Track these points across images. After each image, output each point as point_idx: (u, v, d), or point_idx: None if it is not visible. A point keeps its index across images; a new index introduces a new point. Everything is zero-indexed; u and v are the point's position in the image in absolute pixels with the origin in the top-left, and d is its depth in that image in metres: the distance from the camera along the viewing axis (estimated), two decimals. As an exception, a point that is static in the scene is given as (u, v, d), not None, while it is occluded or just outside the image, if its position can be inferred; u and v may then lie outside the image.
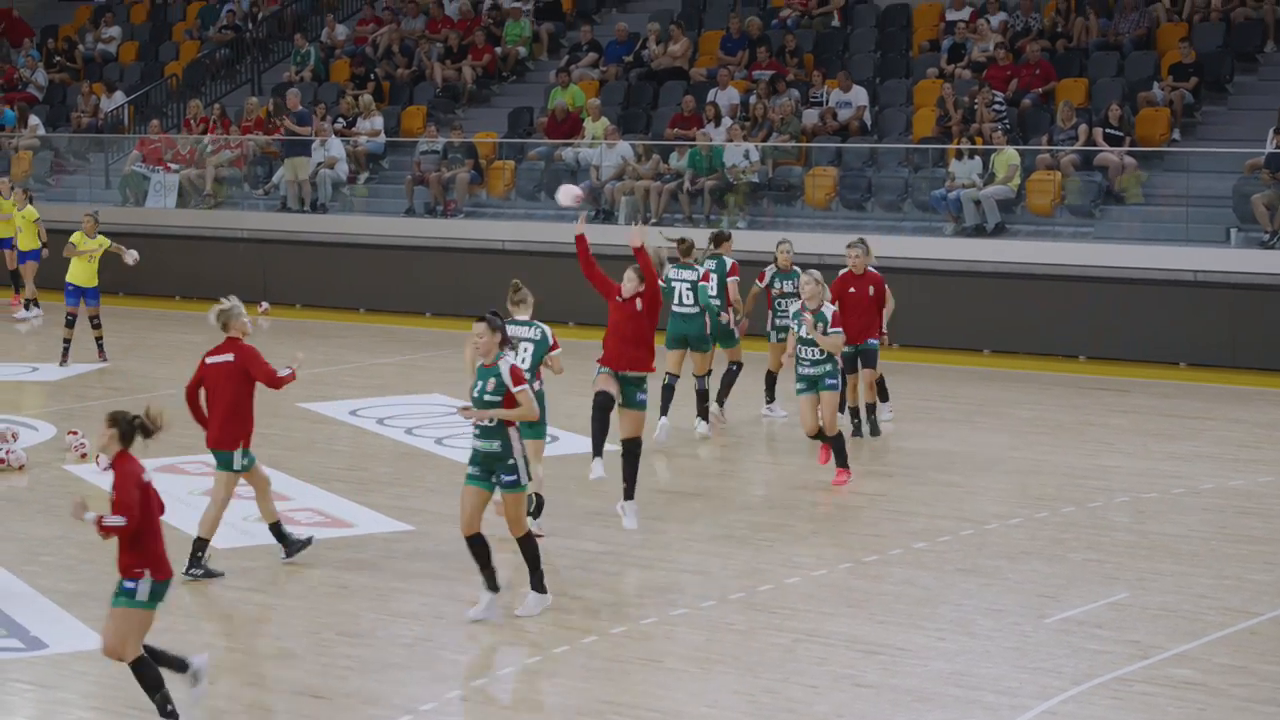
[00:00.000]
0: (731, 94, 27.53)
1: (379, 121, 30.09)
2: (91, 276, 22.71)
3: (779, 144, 26.41)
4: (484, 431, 11.82)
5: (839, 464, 15.97)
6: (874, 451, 17.47)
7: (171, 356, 23.80)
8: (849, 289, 17.54)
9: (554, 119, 28.51)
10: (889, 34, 28.76)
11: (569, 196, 15.01)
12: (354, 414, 19.57)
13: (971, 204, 24.39)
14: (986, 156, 24.62)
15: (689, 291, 17.86)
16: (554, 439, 15.19)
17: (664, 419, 17.95)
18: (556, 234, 26.71)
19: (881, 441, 17.90)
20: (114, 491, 9.54)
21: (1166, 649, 11.38)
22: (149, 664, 9.82)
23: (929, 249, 24.30)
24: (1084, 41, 26.83)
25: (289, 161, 29.51)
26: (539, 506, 14.01)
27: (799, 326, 15.77)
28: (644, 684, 10.85)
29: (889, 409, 18.67)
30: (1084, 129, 24.31)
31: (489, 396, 11.76)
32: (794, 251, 18.69)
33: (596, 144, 27.46)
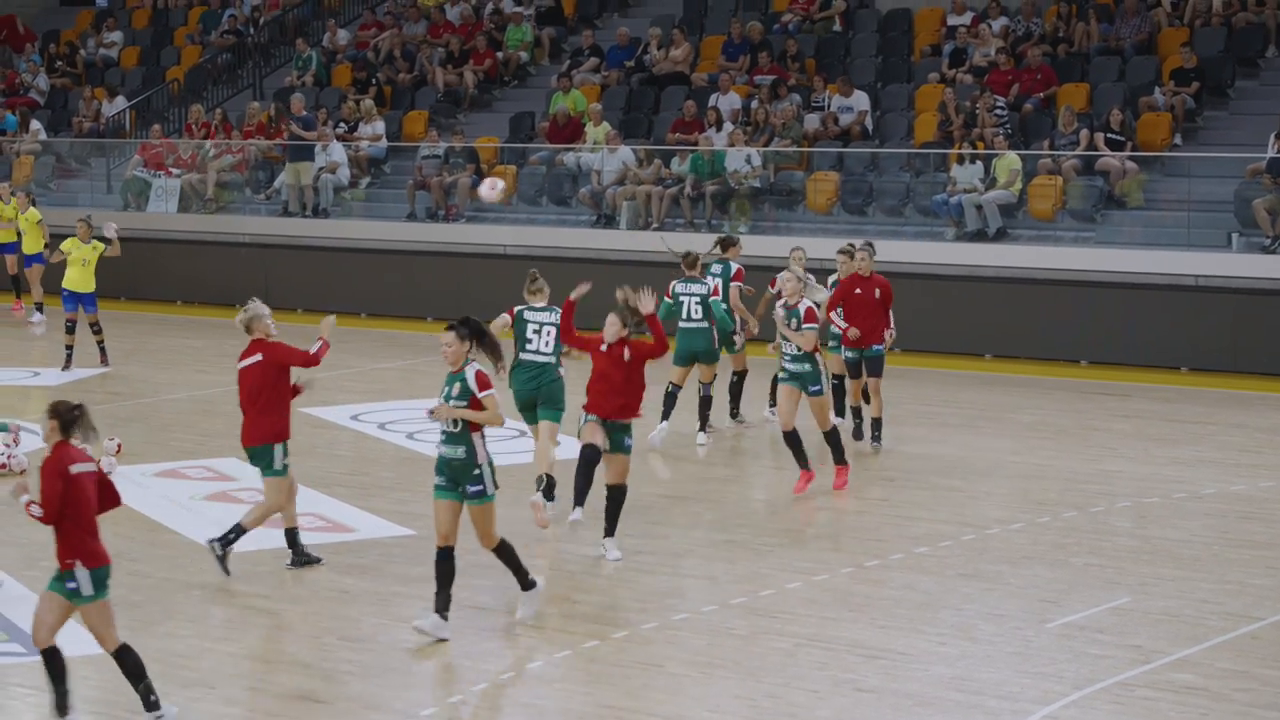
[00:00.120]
0: (733, 99, 27.53)
1: (380, 126, 30.10)
2: (87, 282, 22.67)
3: (780, 149, 26.41)
4: (449, 438, 11.64)
5: (836, 461, 15.85)
6: (876, 456, 17.44)
7: (172, 361, 23.83)
8: (854, 290, 17.26)
9: (555, 124, 28.52)
10: (890, 39, 28.76)
11: (489, 189, 15.13)
12: (355, 419, 19.57)
13: (973, 209, 24.39)
14: (988, 161, 24.62)
15: (698, 306, 17.63)
16: (558, 444, 15.18)
17: (664, 424, 17.96)
18: (558, 238, 26.77)
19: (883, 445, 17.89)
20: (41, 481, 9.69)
21: (1168, 654, 11.37)
22: (132, 652, 9.97)
23: (930, 254, 24.29)
24: (1085, 46, 26.83)
25: (291, 166, 29.52)
26: (550, 486, 14.58)
27: (788, 320, 15.53)
28: (645, 689, 10.84)
29: (840, 423, 18.15)
30: (1085, 134, 24.31)
31: (455, 402, 11.61)
32: (806, 258, 18.25)
33: (598, 149, 27.46)
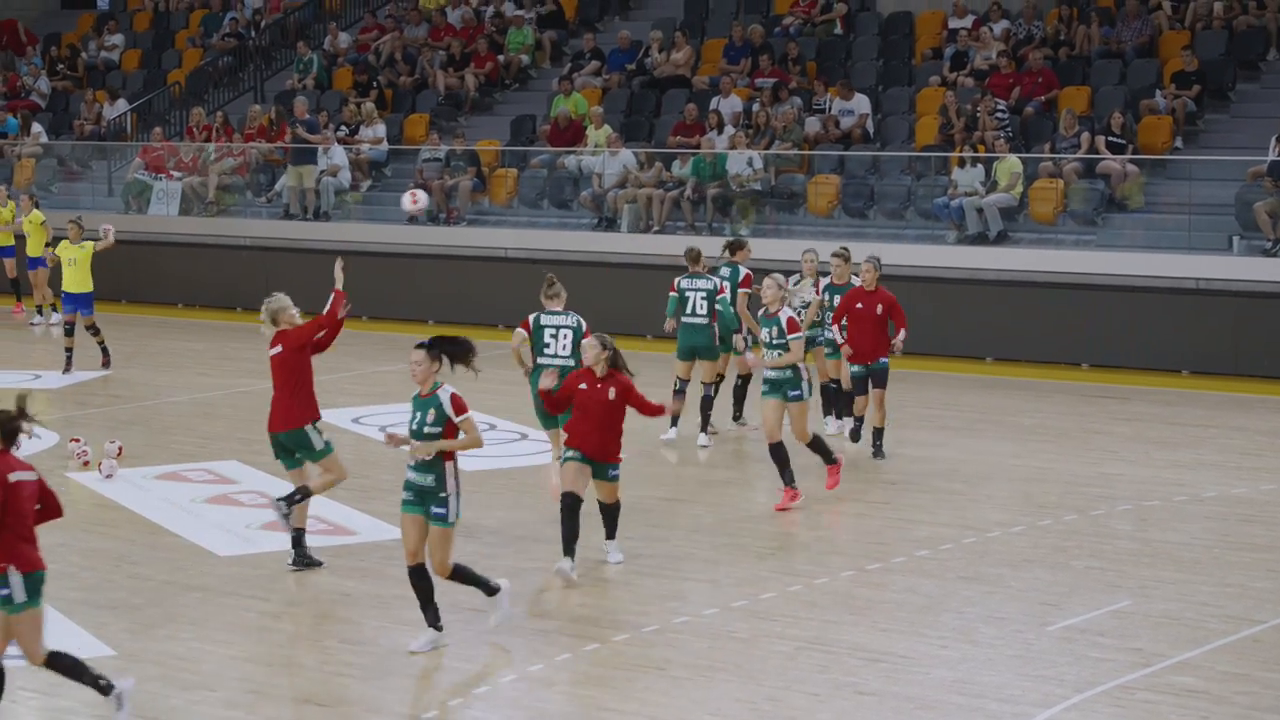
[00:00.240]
0: (734, 102, 27.53)
1: (381, 129, 30.10)
2: (80, 282, 22.53)
3: (781, 152, 26.42)
4: (419, 465, 11.28)
5: (826, 461, 15.66)
6: (877, 460, 17.41)
7: (173, 364, 23.82)
8: (856, 304, 17.09)
9: (556, 127, 28.53)
10: (891, 42, 28.77)
11: (410, 203, 15.15)
12: (356, 422, 19.56)
13: (974, 212, 24.39)
14: (989, 164, 24.62)
15: (703, 301, 17.73)
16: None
17: (673, 429, 18.17)
18: (559, 242, 26.77)
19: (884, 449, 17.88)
20: None
21: (1169, 657, 11.37)
22: (62, 655, 9.91)
23: (932, 257, 24.30)
24: (1086, 49, 26.84)
25: (294, 169, 29.52)
26: None
27: (764, 328, 15.30)
28: (647, 691, 10.84)
29: (839, 425, 18.16)
30: (1086, 137, 24.32)
31: (429, 429, 11.22)
32: (817, 260, 18.18)
33: (599, 152, 27.47)
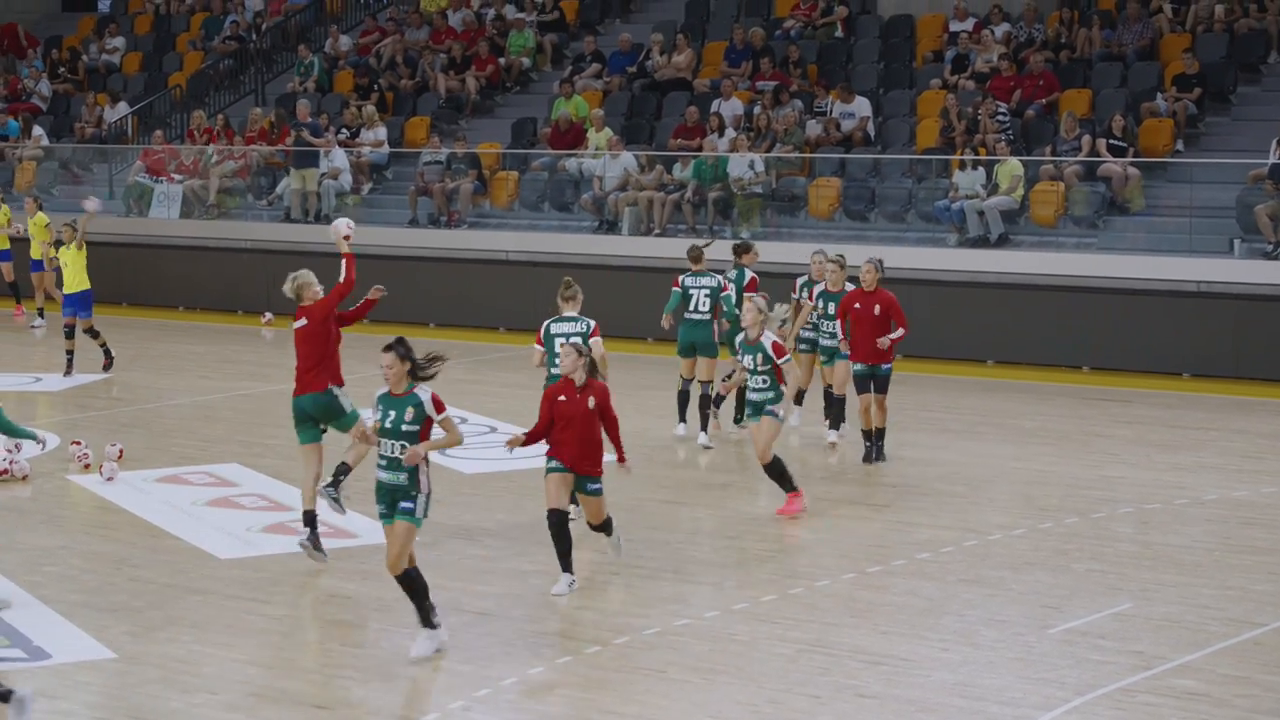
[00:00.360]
0: (735, 105, 27.54)
1: (383, 132, 30.10)
2: (76, 283, 22.25)
3: (782, 155, 26.42)
4: (391, 464, 11.24)
5: (786, 490, 15.12)
6: (878, 462, 17.39)
7: (174, 367, 23.81)
8: (854, 305, 17.07)
9: (557, 130, 28.54)
10: (892, 45, 28.77)
11: (339, 231, 15.25)
12: (357, 424, 19.54)
13: (975, 215, 24.39)
14: (990, 167, 24.62)
15: (706, 298, 17.83)
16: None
17: (682, 424, 18.31)
18: (560, 245, 26.76)
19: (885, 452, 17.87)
20: None
21: (1170, 660, 11.37)
22: None
23: (933, 260, 24.29)
24: (1087, 52, 26.84)
25: (297, 172, 29.51)
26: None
27: (743, 356, 14.97)
28: (647, 694, 10.84)
29: (838, 434, 17.99)
30: (1087, 140, 24.32)
31: (407, 426, 11.19)
32: (826, 260, 17.99)
33: (600, 155, 27.47)
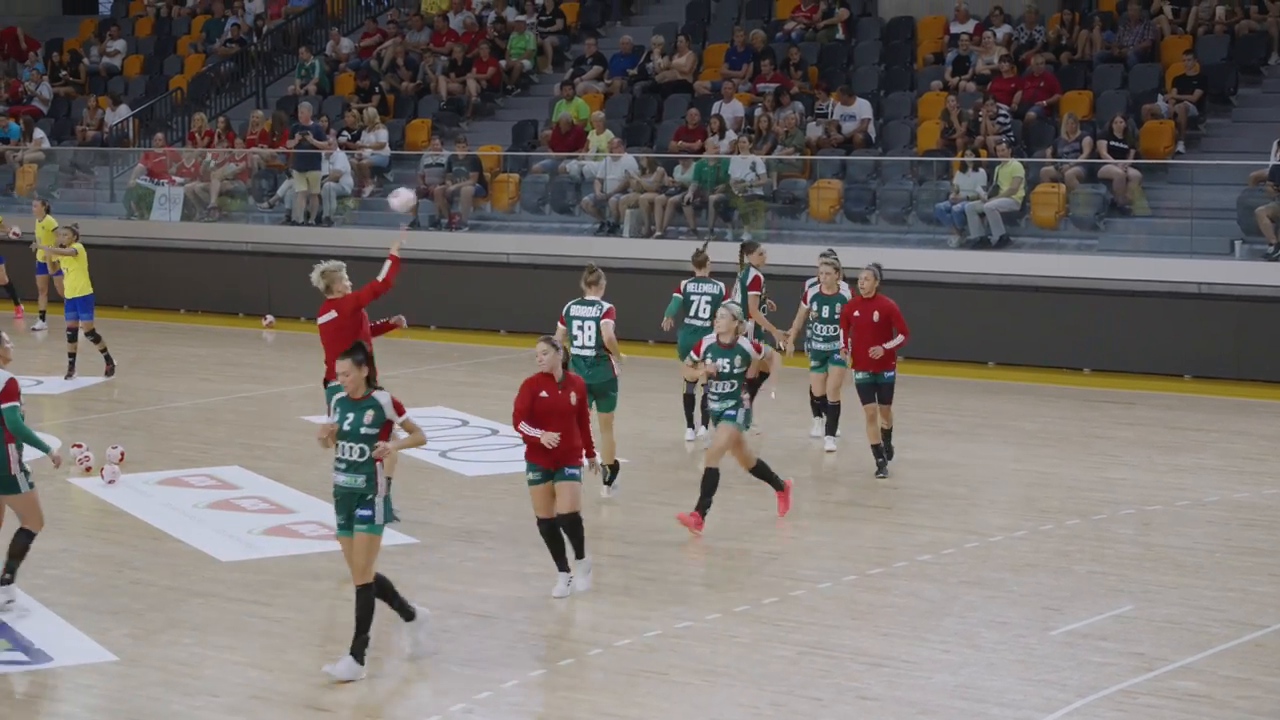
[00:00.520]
0: (736, 107, 27.54)
1: (383, 134, 30.10)
2: (74, 287, 22.11)
3: (783, 157, 26.42)
4: (350, 466, 11.04)
5: (698, 506, 14.60)
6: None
7: (175, 370, 23.81)
8: (854, 313, 16.82)
9: (558, 132, 28.54)
10: (893, 47, 28.77)
11: (402, 203, 15.20)
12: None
13: (976, 216, 24.39)
14: (991, 169, 24.62)
15: (707, 304, 17.73)
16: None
17: (691, 429, 18.38)
18: (561, 247, 26.76)
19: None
20: None
21: (1171, 661, 11.37)
22: None
23: (933, 261, 24.29)
24: (1088, 54, 26.84)
25: (301, 175, 29.49)
26: (614, 473, 15.87)
27: (709, 359, 14.53)
28: (649, 696, 10.83)
29: (833, 440, 17.88)
30: (1088, 141, 24.32)
31: (366, 429, 11.00)
32: (821, 262, 17.85)
33: (601, 157, 27.47)
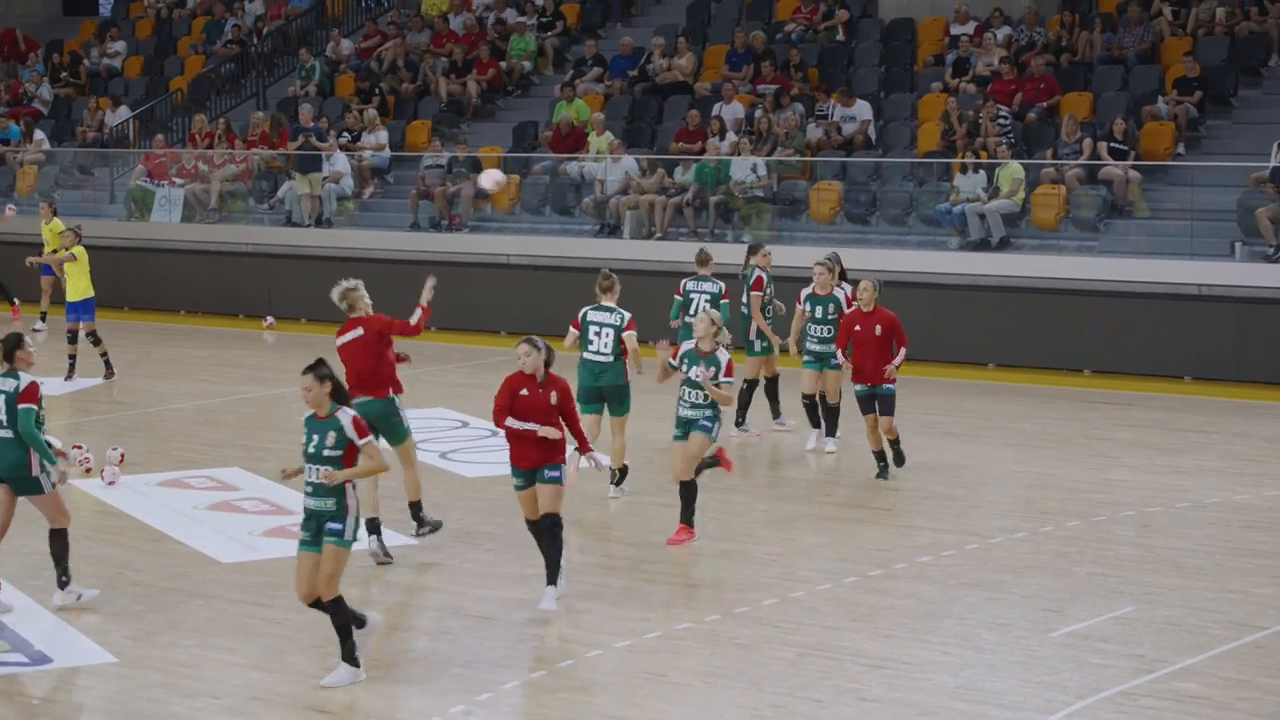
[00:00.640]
0: (736, 108, 27.54)
1: (384, 136, 30.11)
2: (74, 290, 22.00)
3: (783, 158, 26.42)
4: (318, 490, 10.82)
5: (682, 518, 14.43)
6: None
7: (176, 371, 23.82)
8: (855, 326, 16.64)
9: (559, 133, 28.54)
10: (893, 48, 28.77)
11: (490, 181, 15.28)
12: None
13: (976, 218, 24.39)
14: (991, 170, 24.62)
15: (707, 304, 17.71)
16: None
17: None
18: (561, 248, 26.78)
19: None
20: None
21: (1172, 663, 11.36)
22: None
23: (934, 263, 24.29)
24: (1088, 55, 26.84)
25: (302, 177, 29.47)
26: (624, 474, 15.90)
27: (685, 366, 14.16)
28: (649, 698, 10.83)
29: (833, 442, 17.83)
30: (1088, 143, 24.32)
31: (329, 451, 10.76)
32: (838, 261, 17.86)
33: (601, 158, 27.47)
